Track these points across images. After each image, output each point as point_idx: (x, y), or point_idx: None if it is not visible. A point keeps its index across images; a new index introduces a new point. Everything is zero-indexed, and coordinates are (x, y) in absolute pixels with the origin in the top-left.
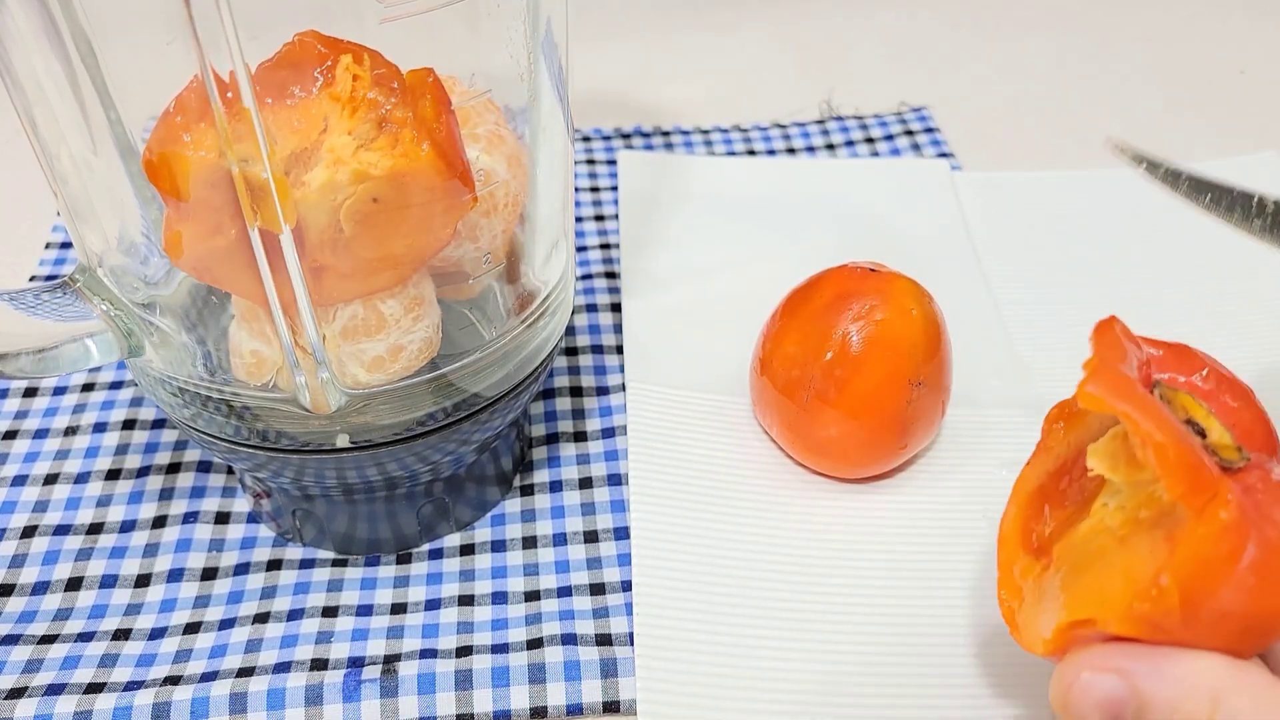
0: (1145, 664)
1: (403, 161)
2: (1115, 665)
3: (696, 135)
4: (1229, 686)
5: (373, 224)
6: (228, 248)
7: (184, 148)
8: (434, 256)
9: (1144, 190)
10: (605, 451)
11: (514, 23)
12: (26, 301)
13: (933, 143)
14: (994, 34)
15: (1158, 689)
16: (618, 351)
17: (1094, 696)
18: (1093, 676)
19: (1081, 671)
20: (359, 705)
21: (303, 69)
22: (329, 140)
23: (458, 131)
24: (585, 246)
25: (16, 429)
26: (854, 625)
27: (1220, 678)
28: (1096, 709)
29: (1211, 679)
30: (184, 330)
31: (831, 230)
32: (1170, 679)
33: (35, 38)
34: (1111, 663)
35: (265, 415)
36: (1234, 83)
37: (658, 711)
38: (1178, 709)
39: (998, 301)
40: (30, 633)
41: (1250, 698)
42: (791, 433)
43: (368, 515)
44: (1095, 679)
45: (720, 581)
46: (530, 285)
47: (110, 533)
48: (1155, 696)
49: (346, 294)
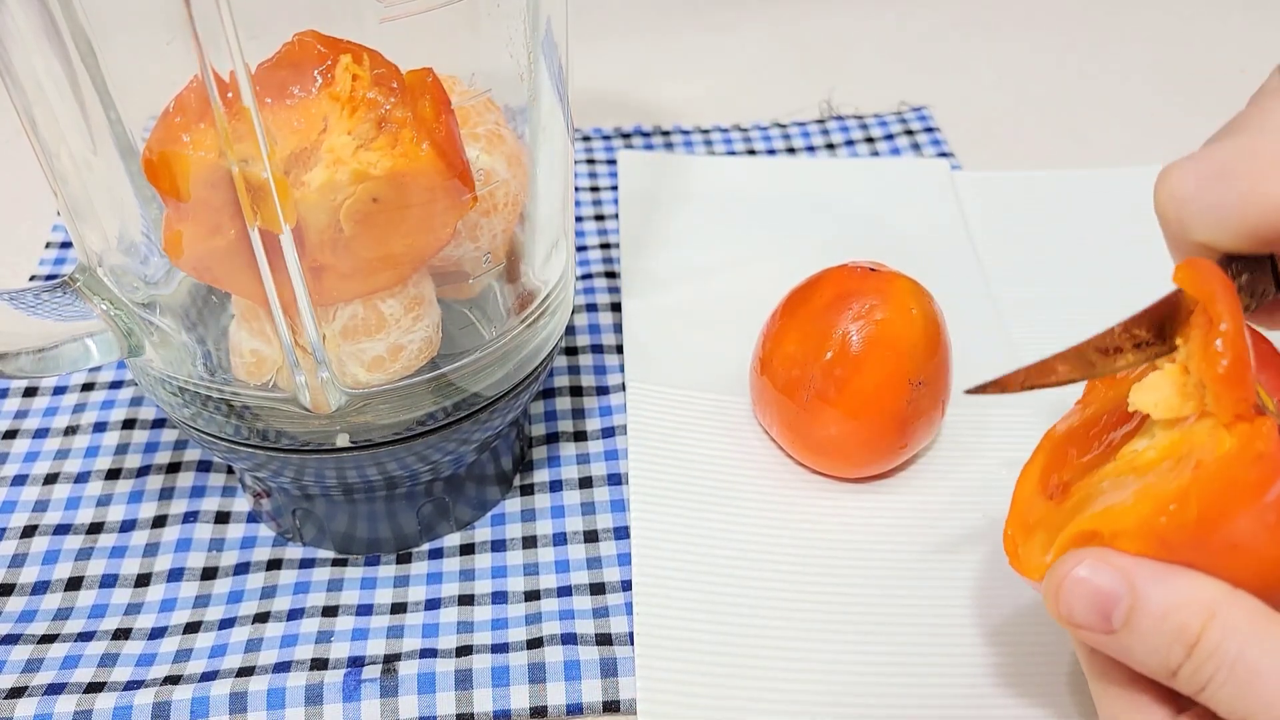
0: (1147, 569)
1: (402, 161)
2: (1117, 563)
3: (696, 135)
4: (1226, 603)
5: (373, 224)
6: (228, 248)
7: (184, 148)
8: (434, 256)
9: (1143, 190)
10: (605, 451)
11: (514, 22)
12: (26, 301)
13: (933, 142)
14: (994, 34)
15: (1154, 592)
16: (618, 351)
17: (1088, 588)
18: (1093, 568)
19: (1082, 562)
20: (359, 705)
21: (302, 69)
22: (329, 140)
23: (457, 131)
24: (585, 246)
25: (16, 428)
26: (854, 624)
27: (1219, 595)
28: (1088, 600)
29: (1211, 594)
30: (184, 330)
31: (831, 230)
32: (1170, 586)
33: (35, 37)
34: (1113, 560)
35: (265, 415)
36: (1234, 83)
37: (658, 711)
38: (1170, 616)
39: (998, 301)
40: (30, 632)
41: (1247, 618)
42: (791, 432)
43: (368, 515)
44: (1094, 571)
45: (720, 581)
46: (530, 285)
47: (110, 532)
48: (1150, 599)
49: (346, 294)
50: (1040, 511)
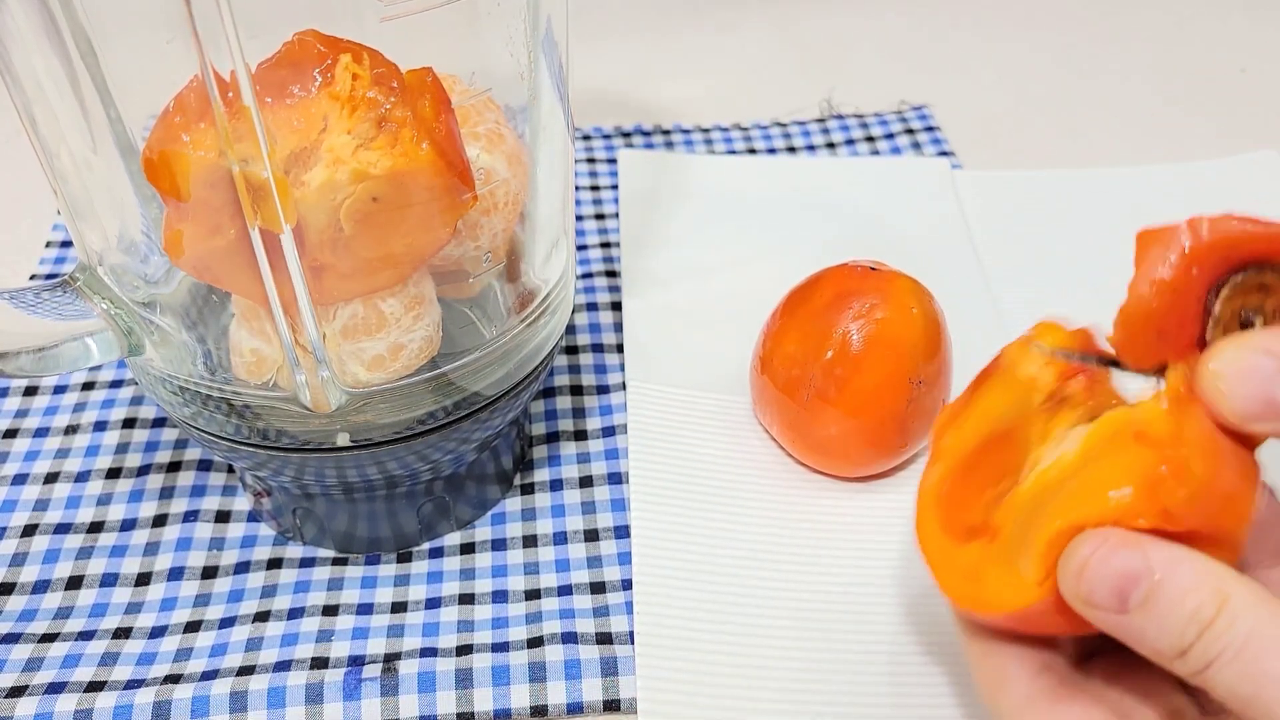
0: (1164, 551)
1: (402, 161)
2: (1138, 543)
3: (697, 134)
4: (1237, 589)
5: (373, 223)
6: (228, 247)
7: (184, 147)
8: (434, 256)
9: (1143, 189)
10: (605, 450)
11: (514, 21)
12: (27, 300)
13: (933, 141)
14: (994, 33)
15: (1173, 572)
16: (618, 350)
17: (1112, 567)
18: (1115, 549)
19: (1103, 543)
20: (359, 704)
21: (302, 68)
22: (328, 140)
23: (457, 131)
24: (585, 245)
25: (17, 427)
26: (854, 623)
27: (1228, 579)
28: (1111, 582)
29: (1221, 578)
30: (184, 329)
31: (831, 229)
32: (1186, 567)
33: (35, 36)
34: (1134, 541)
35: (265, 414)
36: (1234, 81)
37: (658, 710)
38: (1186, 598)
39: (998, 300)
40: (31, 631)
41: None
42: (792, 431)
43: (368, 514)
44: (1117, 551)
45: (720, 580)
46: (530, 284)
47: (111, 531)
48: (1169, 579)
49: (346, 293)
50: (977, 554)
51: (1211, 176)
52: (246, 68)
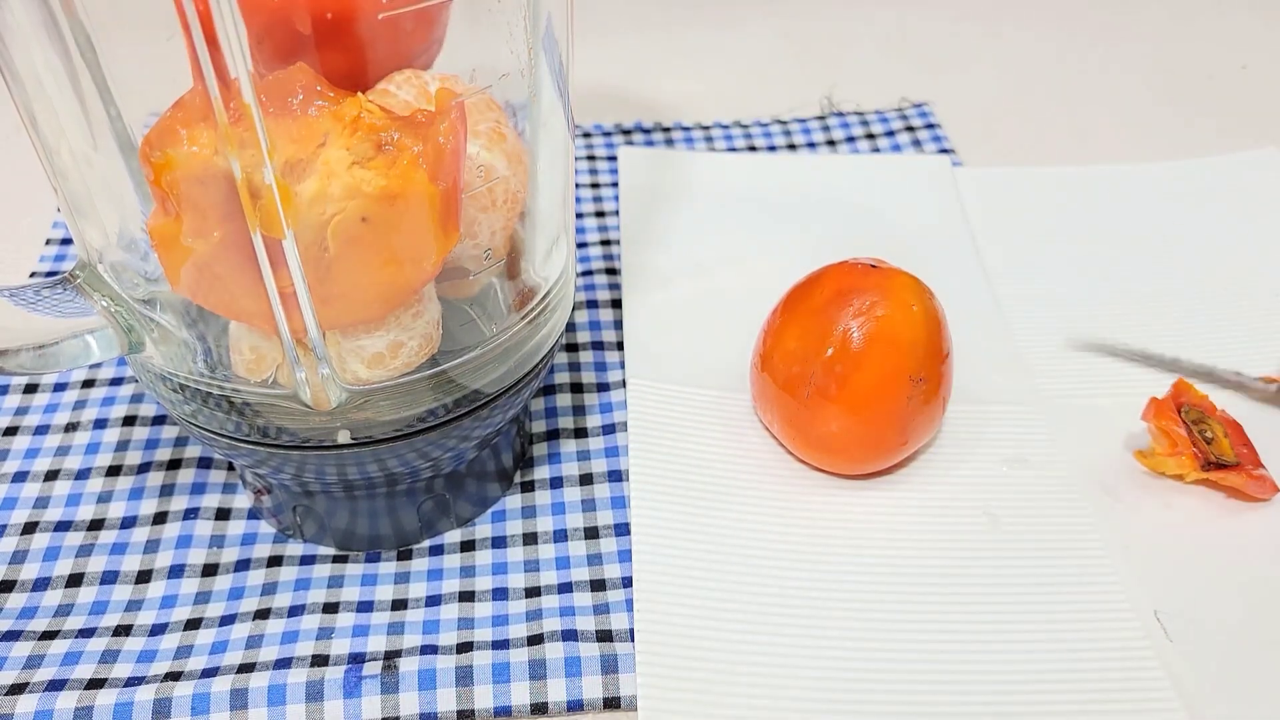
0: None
1: (398, 183)
2: None
3: (697, 131)
4: None
5: (359, 246)
6: (225, 243)
7: (181, 143)
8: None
9: (1144, 187)
10: (606, 448)
11: (514, 18)
12: (27, 297)
13: (934, 138)
14: (995, 30)
15: None
16: (618, 348)
17: None
18: None
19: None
20: (360, 701)
21: (308, 90)
22: (325, 153)
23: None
24: (586, 243)
25: (17, 425)
26: (855, 621)
27: None
28: None
29: None
30: (184, 326)
31: (832, 226)
32: None
33: (35, 33)
34: None
35: (266, 411)
36: (1235, 79)
37: (658, 707)
38: None
39: (998, 297)
40: (31, 629)
41: None
42: (792, 429)
43: (368, 511)
44: None
45: (721, 577)
46: (531, 281)
47: (111, 529)
48: None
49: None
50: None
51: (1212, 174)
52: (247, 68)
